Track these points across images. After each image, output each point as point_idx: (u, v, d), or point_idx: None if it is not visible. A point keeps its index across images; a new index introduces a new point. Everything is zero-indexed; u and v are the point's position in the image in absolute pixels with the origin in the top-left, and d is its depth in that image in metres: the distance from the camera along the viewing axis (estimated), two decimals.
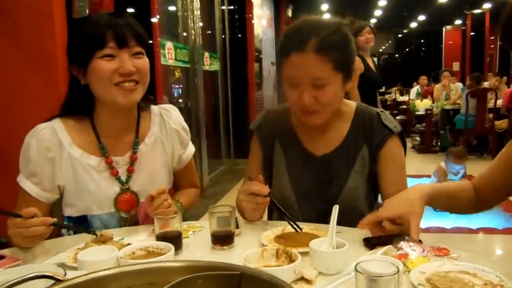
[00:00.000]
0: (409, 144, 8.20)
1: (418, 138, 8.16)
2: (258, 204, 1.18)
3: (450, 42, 17.48)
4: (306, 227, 1.15)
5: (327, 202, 1.26)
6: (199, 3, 5.06)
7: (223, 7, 6.60)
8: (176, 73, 5.05)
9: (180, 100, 5.07)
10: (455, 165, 4.21)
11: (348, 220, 1.18)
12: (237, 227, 1.16)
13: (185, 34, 4.88)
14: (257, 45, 7.40)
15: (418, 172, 5.49)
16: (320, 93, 1.17)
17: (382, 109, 1.36)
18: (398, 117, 9.46)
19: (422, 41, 19.21)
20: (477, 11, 14.17)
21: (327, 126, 1.31)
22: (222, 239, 1.07)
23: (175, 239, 1.02)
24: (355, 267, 0.69)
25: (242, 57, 6.87)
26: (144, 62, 1.21)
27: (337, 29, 1.19)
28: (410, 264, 0.89)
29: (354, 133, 1.31)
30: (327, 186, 1.30)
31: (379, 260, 0.71)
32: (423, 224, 1.08)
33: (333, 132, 1.32)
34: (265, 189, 1.18)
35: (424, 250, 0.96)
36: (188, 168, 1.45)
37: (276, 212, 1.37)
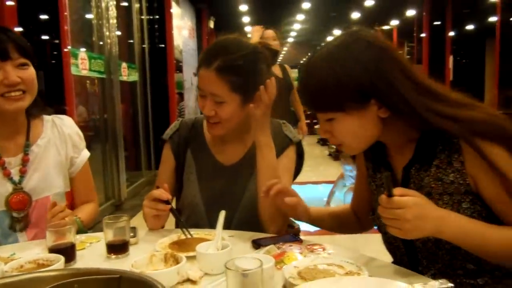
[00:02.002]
0: (325, 152, 8.64)
1: (334, 146, 8.61)
2: (158, 210, 1.23)
3: None
4: (201, 233, 1.22)
5: (233, 209, 1.35)
6: (115, 12, 4.98)
7: (142, 17, 6.53)
8: (91, 84, 4.91)
9: (95, 112, 4.92)
10: (346, 165, 4.53)
11: (252, 224, 1.27)
12: (134, 236, 1.20)
13: (100, 43, 4.77)
14: (178, 56, 7.40)
15: (333, 178, 5.81)
16: (219, 108, 1.28)
17: (284, 121, 1.46)
18: (317, 126, 9.92)
19: None
20: (386, 27, 15.32)
21: (235, 137, 1.40)
22: (117, 248, 1.10)
23: (67, 251, 1.04)
24: (225, 264, 0.76)
25: (162, 68, 6.83)
26: (29, 72, 1.29)
27: (247, 54, 1.27)
28: (287, 260, 1.00)
29: None
30: (234, 194, 1.37)
31: (250, 258, 0.79)
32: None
33: (240, 143, 1.41)
34: (166, 195, 1.23)
35: (301, 248, 1.06)
36: (84, 174, 1.49)
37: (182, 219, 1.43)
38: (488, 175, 0.89)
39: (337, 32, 16.10)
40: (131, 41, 6.13)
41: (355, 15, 12.58)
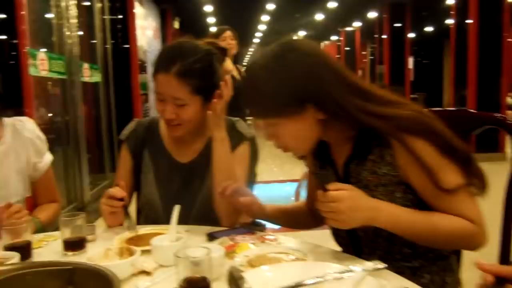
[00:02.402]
0: None
1: None
2: (113, 207, 1.26)
3: None
4: (158, 228, 1.25)
5: (191, 205, 1.39)
6: (76, 11, 4.90)
7: (105, 17, 6.44)
8: (51, 85, 4.81)
9: (56, 113, 4.83)
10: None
11: (210, 220, 1.32)
12: (92, 233, 1.22)
13: (61, 43, 4.68)
14: (142, 57, 7.34)
15: (298, 177, 5.92)
16: (181, 110, 1.32)
17: (238, 118, 1.51)
18: None
19: None
20: (349, 28, 15.67)
21: (191, 135, 1.44)
22: (74, 245, 1.13)
23: (23, 249, 1.05)
24: (175, 253, 0.81)
25: (125, 69, 6.76)
26: None
27: (203, 56, 1.32)
28: (239, 250, 1.05)
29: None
30: (191, 191, 1.42)
31: (199, 248, 0.84)
32: None
33: (196, 141, 1.45)
34: (121, 193, 1.26)
35: (253, 239, 1.12)
36: (46, 178, 1.49)
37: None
38: (415, 167, 0.98)
39: (302, 33, 16.34)
40: (93, 41, 6.04)
41: (319, 16, 12.81)
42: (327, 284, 0.82)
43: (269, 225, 1.57)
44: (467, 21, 6.77)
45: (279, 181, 5.95)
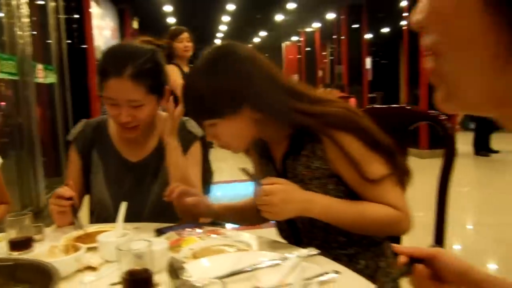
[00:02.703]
0: None
1: None
2: (61, 207, 1.27)
3: (290, 56, 19.19)
4: (107, 226, 1.27)
5: (143, 205, 1.41)
6: (28, 10, 4.76)
7: (60, 16, 6.28)
8: (3, 87, 4.66)
9: (9, 116, 4.68)
10: None
11: (163, 217, 1.35)
12: (40, 233, 1.23)
13: (12, 43, 4.54)
14: (99, 57, 7.19)
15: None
16: (137, 112, 1.33)
17: (187, 118, 1.53)
18: None
19: (266, 55, 20.71)
20: (308, 29, 15.94)
21: (143, 134, 1.46)
22: (20, 244, 1.12)
23: None
24: (118, 246, 0.84)
25: (82, 69, 6.62)
26: None
27: (151, 56, 1.35)
28: (184, 244, 1.09)
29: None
30: (142, 190, 1.44)
31: (142, 241, 0.87)
32: None
33: (148, 140, 1.48)
34: (69, 192, 1.27)
35: (200, 234, 1.16)
36: None
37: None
38: (343, 160, 1.05)
39: (263, 33, 16.48)
40: (48, 41, 5.88)
41: (279, 17, 12.96)
42: (263, 271, 0.87)
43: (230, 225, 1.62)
44: None
45: (241, 180, 6.01)
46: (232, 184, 5.54)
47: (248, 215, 1.41)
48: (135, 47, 1.37)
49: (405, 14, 7.51)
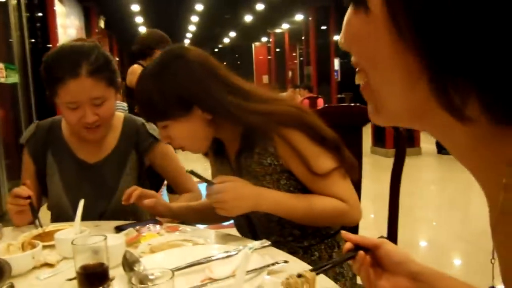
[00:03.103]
0: None
1: None
2: (19, 206, 1.26)
3: (260, 57, 19.26)
4: (66, 224, 1.27)
5: (104, 204, 1.42)
6: None
7: (22, 14, 6.12)
8: None
9: None
10: None
11: (123, 215, 1.37)
12: None
13: None
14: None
15: None
16: (101, 109, 1.33)
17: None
18: None
19: (236, 55, 20.77)
20: (278, 30, 16.07)
21: None
22: None
23: None
24: (72, 241, 0.85)
25: None
26: None
27: (99, 51, 1.34)
28: (143, 239, 1.11)
29: (123, 141, 1.48)
30: (103, 191, 1.43)
31: (97, 236, 0.89)
32: None
33: (104, 141, 1.47)
34: (27, 191, 1.27)
35: (159, 230, 1.19)
36: None
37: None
38: (293, 156, 1.10)
39: (232, 34, 16.51)
40: (10, 40, 5.72)
41: (248, 18, 13.02)
42: (216, 262, 0.90)
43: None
44: None
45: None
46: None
47: (206, 215, 1.43)
48: (80, 46, 1.34)
49: None
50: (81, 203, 1.15)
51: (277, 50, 17.41)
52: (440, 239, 3.48)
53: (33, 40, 6.37)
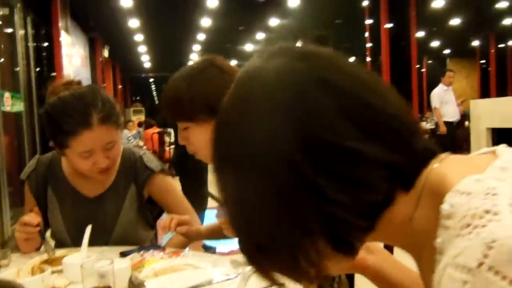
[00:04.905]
0: None
1: None
2: (28, 234, 1.30)
3: None
4: (74, 250, 1.32)
5: (105, 238, 1.44)
6: None
7: (28, 44, 6.29)
8: None
9: None
10: None
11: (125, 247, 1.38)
12: (5, 258, 1.27)
13: None
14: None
15: None
16: (111, 152, 1.35)
17: (145, 152, 1.57)
18: None
19: None
20: None
21: None
22: None
23: None
24: (82, 265, 0.90)
25: None
26: None
27: (101, 94, 1.35)
28: (147, 264, 1.15)
29: (122, 175, 1.49)
30: (103, 225, 1.44)
31: (105, 261, 0.94)
32: None
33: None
34: (35, 219, 1.30)
35: (162, 255, 1.23)
36: None
37: None
38: None
39: (233, 62, 16.78)
40: (17, 69, 5.86)
41: (249, 46, 13.26)
42: (218, 285, 0.95)
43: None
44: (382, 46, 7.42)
45: None
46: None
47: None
48: (81, 94, 1.32)
49: (368, 45, 7.88)
50: (88, 229, 1.20)
51: None
52: None
53: (38, 69, 6.52)
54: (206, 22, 9.46)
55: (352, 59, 14.53)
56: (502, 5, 9.67)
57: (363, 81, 0.48)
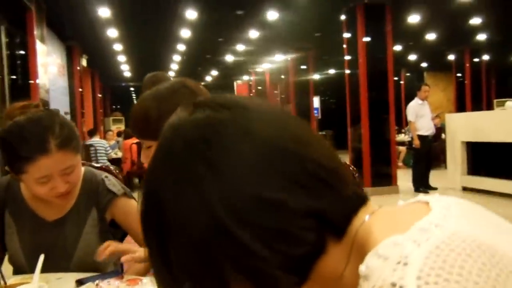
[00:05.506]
0: None
1: None
2: None
3: (242, 95, 19.50)
4: (27, 277, 1.27)
5: (65, 263, 1.40)
6: None
7: (2, 53, 6.16)
8: None
9: None
10: None
11: (87, 271, 1.35)
12: None
13: None
14: (43, 95, 7.07)
15: None
16: (70, 176, 1.31)
17: (107, 175, 1.53)
18: None
19: (218, 92, 20.99)
20: (259, 69, 16.43)
21: None
22: None
23: None
24: None
25: None
26: None
27: (58, 119, 1.30)
28: None
29: (83, 198, 1.45)
30: (63, 249, 1.41)
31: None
32: None
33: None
34: None
35: (118, 283, 1.20)
36: None
37: None
38: None
39: (214, 72, 16.79)
40: None
41: (229, 57, 13.30)
42: None
43: None
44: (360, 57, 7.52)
45: None
46: None
47: None
48: (38, 118, 1.28)
49: (346, 58, 7.96)
50: (41, 258, 1.16)
51: (258, 88, 17.74)
52: None
53: (13, 77, 6.40)
54: (185, 33, 9.46)
55: (331, 71, 14.72)
56: (475, 21, 9.93)
57: (286, 130, 0.48)
